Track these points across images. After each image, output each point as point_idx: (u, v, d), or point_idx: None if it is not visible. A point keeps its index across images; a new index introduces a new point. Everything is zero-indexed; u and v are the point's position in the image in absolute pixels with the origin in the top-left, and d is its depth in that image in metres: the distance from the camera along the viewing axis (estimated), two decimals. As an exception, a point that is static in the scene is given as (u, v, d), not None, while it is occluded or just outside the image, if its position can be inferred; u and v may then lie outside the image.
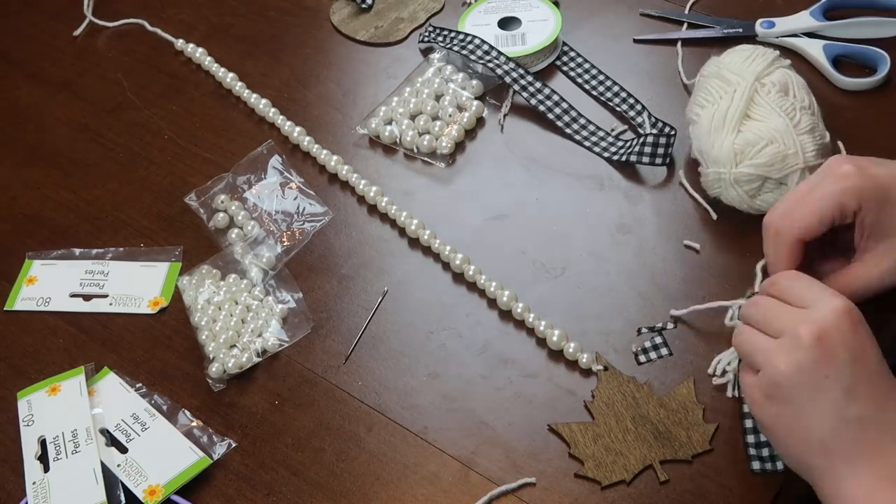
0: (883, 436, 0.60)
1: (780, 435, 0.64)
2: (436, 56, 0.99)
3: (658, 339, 0.77)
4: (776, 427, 0.64)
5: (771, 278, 0.68)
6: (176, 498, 0.71)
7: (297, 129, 0.94)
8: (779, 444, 0.65)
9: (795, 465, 0.64)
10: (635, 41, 1.00)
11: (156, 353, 0.80)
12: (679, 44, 0.98)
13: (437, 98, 0.95)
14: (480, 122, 0.94)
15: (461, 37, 0.98)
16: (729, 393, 0.73)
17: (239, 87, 0.99)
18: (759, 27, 0.98)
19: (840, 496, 0.61)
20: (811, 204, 0.69)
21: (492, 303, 0.81)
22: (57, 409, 0.76)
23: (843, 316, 0.62)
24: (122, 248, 0.87)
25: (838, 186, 0.69)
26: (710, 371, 0.75)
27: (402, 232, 0.86)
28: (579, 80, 0.97)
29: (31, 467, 0.73)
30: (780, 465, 0.69)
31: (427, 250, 0.85)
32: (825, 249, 0.73)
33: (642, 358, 0.76)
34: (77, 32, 1.07)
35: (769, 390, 0.63)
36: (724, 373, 0.74)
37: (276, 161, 0.91)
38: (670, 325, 0.78)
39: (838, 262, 0.73)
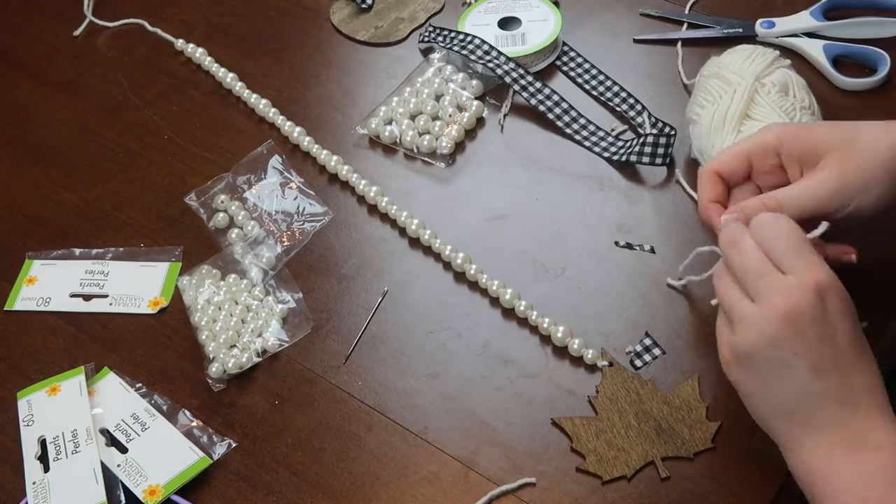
0: (843, 406, 0.62)
1: (745, 394, 0.66)
2: (436, 56, 0.99)
3: (647, 342, 0.77)
4: (742, 387, 0.66)
5: (765, 217, 0.67)
6: (176, 498, 0.71)
7: (297, 129, 0.94)
8: (745, 400, 0.66)
9: (759, 422, 0.66)
10: (635, 41, 1.00)
11: (156, 353, 0.80)
12: (679, 44, 0.98)
13: (437, 98, 0.95)
14: (480, 122, 0.94)
15: (461, 37, 0.98)
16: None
17: (239, 87, 0.99)
18: (759, 27, 0.98)
19: (800, 460, 0.63)
20: (733, 146, 0.75)
21: (493, 302, 0.81)
22: (57, 409, 0.76)
23: (819, 292, 0.62)
24: (122, 248, 0.87)
25: (759, 129, 0.74)
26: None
27: (402, 232, 0.86)
28: (579, 80, 0.97)
29: (31, 467, 0.73)
30: None
31: (427, 250, 0.85)
32: None
33: (638, 363, 0.76)
34: (77, 32, 1.07)
35: (739, 356, 0.65)
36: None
37: (276, 161, 0.91)
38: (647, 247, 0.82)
39: None
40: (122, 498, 0.70)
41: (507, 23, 1.00)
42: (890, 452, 0.60)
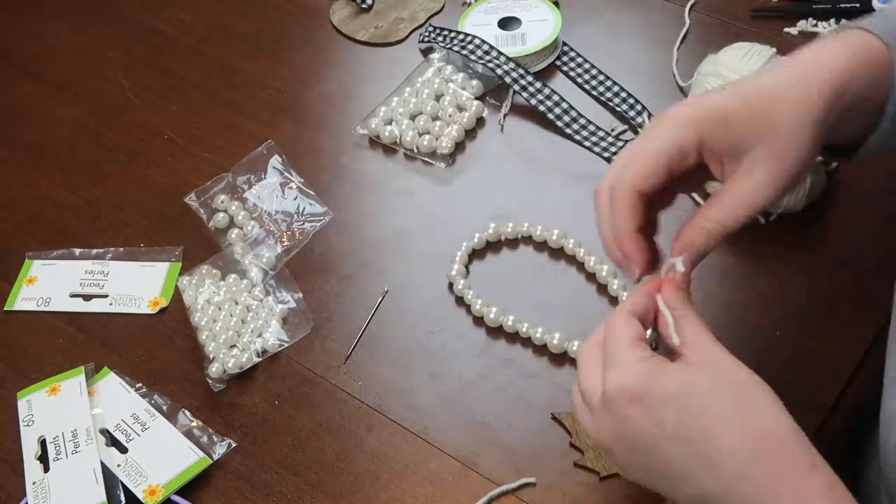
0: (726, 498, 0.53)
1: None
2: (436, 56, 0.99)
3: (650, 333, 0.76)
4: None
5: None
6: (176, 498, 0.71)
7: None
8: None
9: None
10: (753, 13, 1.01)
11: (156, 353, 0.80)
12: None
13: (437, 98, 0.95)
14: (480, 122, 0.94)
15: (461, 37, 0.98)
16: None
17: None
18: (877, 2, 0.97)
19: None
20: (645, 151, 0.60)
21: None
22: (57, 409, 0.76)
23: (605, 402, 0.56)
24: (122, 248, 0.87)
25: (670, 123, 0.60)
26: None
27: (402, 232, 0.86)
28: (579, 80, 0.97)
29: (31, 467, 0.73)
30: None
31: (428, 251, 0.85)
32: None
33: None
34: (77, 32, 1.07)
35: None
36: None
37: (276, 161, 0.91)
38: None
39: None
40: (122, 498, 0.70)
41: (507, 23, 1.00)
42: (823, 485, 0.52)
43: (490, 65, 0.95)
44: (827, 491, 0.52)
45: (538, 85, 0.94)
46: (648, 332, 0.60)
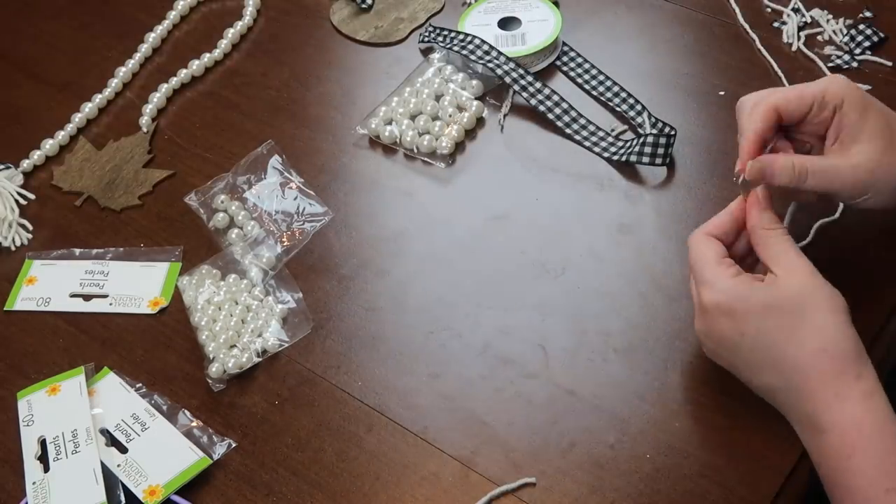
0: (787, 395, 0.67)
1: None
2: (436, 56, 0.99)
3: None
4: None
5: (690, 242, 0.71)
6: (176, 498, 0.71)
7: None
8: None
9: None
10: None
11: (156, 353, 0.80)
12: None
13: (437, 98, 0.95)
14: (480, 122, 0.94)
15: (461, 37, 0.98)
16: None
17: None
18: None
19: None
20: (797, 87, 0.72)
21: (493, 301, 0.81)
22: (57, 409, 0.76)
23: (703, 312, 0.69)
24: (122, 248, 0.87)
25: (826, 79, 0.72)
26: None
27: (402, 232, 0.86)
28: (579, 80, 0.97)
29: (31, 467, 0.73)
30: None
31: (428, 250, 0.85)
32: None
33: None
34: (77, 32, 1.07)
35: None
36: None
37: (276, 161, 0.91)
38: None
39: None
40: (122, 498, 0.70)
41: (507, 23, 1.00)
42: (834, 435, 0.64)
43: (490, 65, 0.95)
44: (865, 397, 0.64)
45: (538, 85, 0.94)
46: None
